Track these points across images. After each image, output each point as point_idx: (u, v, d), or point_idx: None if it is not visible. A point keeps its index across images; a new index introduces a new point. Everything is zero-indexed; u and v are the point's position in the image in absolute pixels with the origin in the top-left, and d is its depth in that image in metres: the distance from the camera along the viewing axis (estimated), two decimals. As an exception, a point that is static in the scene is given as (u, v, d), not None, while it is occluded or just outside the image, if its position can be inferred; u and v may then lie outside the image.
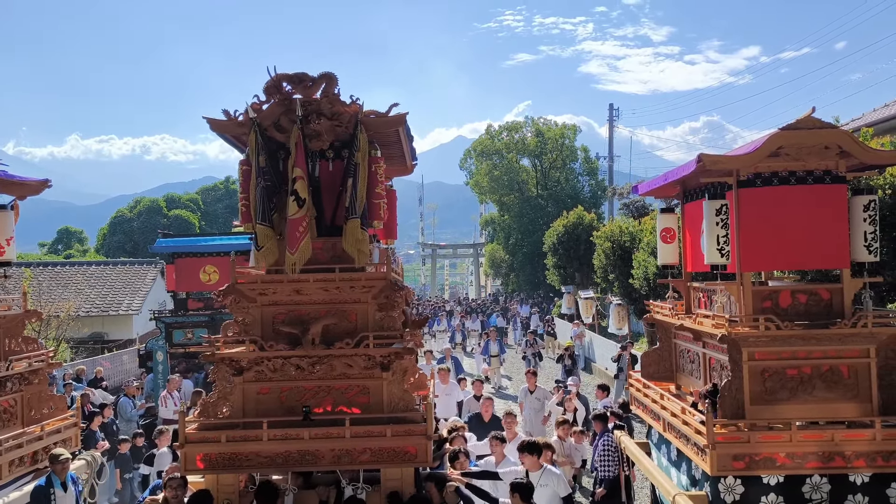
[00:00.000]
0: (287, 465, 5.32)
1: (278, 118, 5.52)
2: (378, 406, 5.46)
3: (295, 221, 5.32)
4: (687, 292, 6.84)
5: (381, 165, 5.64)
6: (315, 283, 5.46)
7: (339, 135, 5.63)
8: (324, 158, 5.70)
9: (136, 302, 25.31)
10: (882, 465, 5.00)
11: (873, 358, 5.26)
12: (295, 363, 5.41)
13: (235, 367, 5.45)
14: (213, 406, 5.49)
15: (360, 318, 5.57)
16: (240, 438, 5.27)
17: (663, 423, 6.28)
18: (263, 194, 5.40)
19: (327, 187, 5.71)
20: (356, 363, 5.41)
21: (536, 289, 42.61)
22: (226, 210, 45.30)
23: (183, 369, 14.50)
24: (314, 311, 5.55)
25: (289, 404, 5.48)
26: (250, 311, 5.56)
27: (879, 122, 15.10)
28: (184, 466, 5.34)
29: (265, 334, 5.51)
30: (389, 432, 5.25)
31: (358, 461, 5.28)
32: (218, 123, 5.64)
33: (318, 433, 5.25)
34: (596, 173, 44.75)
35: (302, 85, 5.51)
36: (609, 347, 20.35)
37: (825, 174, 5.38)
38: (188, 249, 15.31)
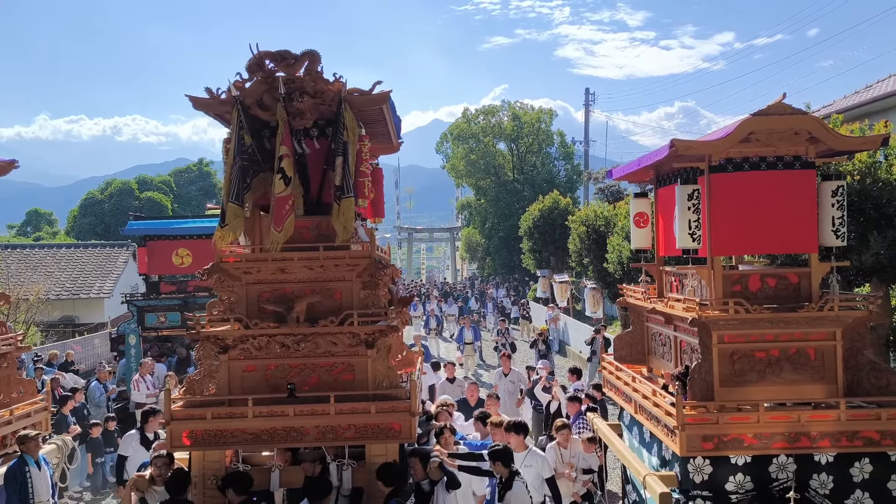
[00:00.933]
0: (272, 442, 5.41)
1: (261, 96, 5.52)
2: (363, 383, 5.54)
3: (282, 199, 5.34)
4: (659, 276, 6.90)
5: (366, 144, 5.68)
6: (300, 261, 5.52)
7: (322, 113, 5.64)
8: (308, 137, 5.72)
9: (107, 285, 24.97)
10: (846, 444, 5.12)
11: (839, 341, 5.36)
12: (280, 341, 5.48)
13: (221, 345, 5.52)
14: (198, 384, 5.56)
15: (345, 297, 5.63)
16: (225, 415, 5.35)
17: (635, 405, 6.36)
18: (239, 173, 5.40)
19: (312, 166, 5.72)
20: (341, 341, 5.49)
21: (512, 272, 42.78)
22: (199, 192, 44.75)
23: (156, 353, 14.38)
24: (299, 290, 5.61)
25: (274, 382, 5.56)
26: (235, 289, 5.61)
27: (849, 109, 15.33)
28: (170, 443, 5.42)
29: (250, 313, 5.57)
30: (374, 409, 5.35)
31: (343, 437, 5.38)
32: (201, 102, 5.62)
33: (303, 410, 5.33)
34: (572, 158, 44.89)
35: (285, 63, 5.50)
36: (583, 330, 20.52)
37: (795, 160, 5.44)
38: (160, 232, 15.11)
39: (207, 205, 24.62)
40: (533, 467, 6.81)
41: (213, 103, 5.60)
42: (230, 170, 5.43)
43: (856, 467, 5.17)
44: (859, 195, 8.04)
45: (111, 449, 10.84)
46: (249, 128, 5.45)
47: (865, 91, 16.89)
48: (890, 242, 7.92)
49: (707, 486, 5.16)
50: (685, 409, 5.16)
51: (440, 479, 5.92)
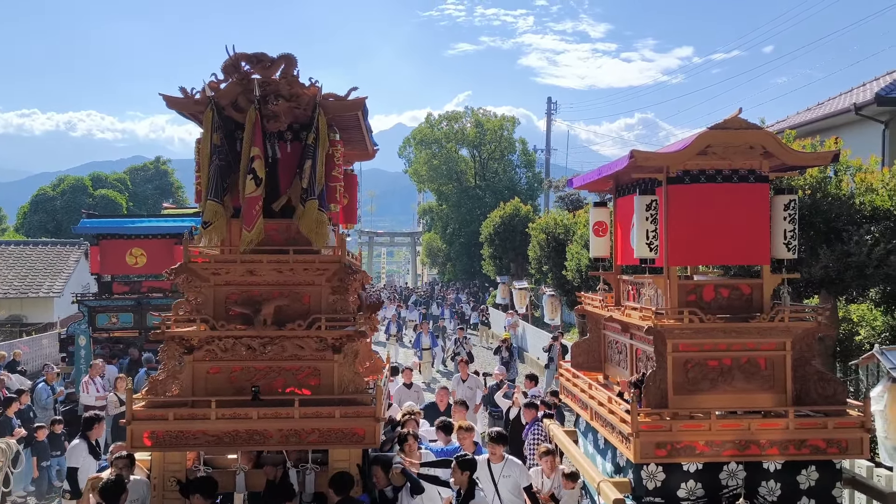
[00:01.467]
0: (235, 445, 5.37)
1: (236, 98, 5.50)
2: (329, 388, 5.53)
3: (252, 200, 5.32)
4: (617, 285, 6.99)
5: (338, 149, 5.69)
6: (268, 263, 5.49)
7: (297, 116, 5.62)
8: (282, 140, 5.72)
9: (57, 284, 24.28)
10: (794, 453, 5.23)
11: (789, 351, 5.48)
12: (246, 343, 5.45)
13: (186, 345, 5.46)
14: (161, 384, 5.50)
15: (314, 301, 5.62)
16: (187, 417, 5.30)
17: (591, 411, 6.42)
18: (217, 172, 5.37)
19: (285, 168, 5.70)
20: (308, 345, 5.47)
21: (472, 278, 42.93)
22: (155, 191, 43.90)
23: (107, 354, 14.03)
24: (267, 292, 5.58)
25: (239, 384, 5.52)
26: (202, 290, 5.56)
27: (802, 125, 15.79)
28: (130, 444, 5.35)
29: (217, 314, 5.53)
30: (338, 413, 5.33)
31: (306, 441, 5.35)
32: (174, 100, 5.57)
33: (267, 413, 5.29)
34: (533, 165, 45.31)
35: (261, 65, 5.49)
36: (541, 337, 20.68)
37: (749, 173, 5.56)
38: (114, 231, 14.76)
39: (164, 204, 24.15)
40: (511, 477, 6.82)
41: (187, 102, 5.55)
42: (208, 169, 5.39)
43: (802, 475, 5.30)
44: (810, 209, 8.27)
45: (57, 453, 10.54)
46: (223, 129, 5.43)
47: (817, 108, 17.42)
48: (838, 256, 8.16)
49: (660, 493, 5.23)
50: (640, 417, 5.22)
51: (403, 485, 5.90)
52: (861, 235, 8.12)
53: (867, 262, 8.05)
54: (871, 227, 8.19)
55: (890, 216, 8.23)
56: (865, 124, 14.81)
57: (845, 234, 8.20)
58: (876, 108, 14.27)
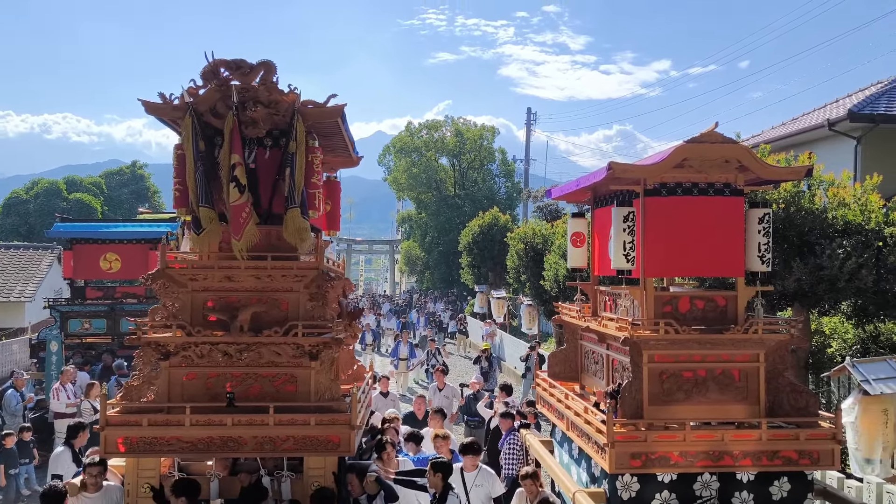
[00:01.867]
0: (209, 451, 5.35)
1: (215, 104, 5.48)
2: (305, 395, 5.50)
3: (237, 207, 5.30)
4: (594, 295, 7.03)
5: (317, 155, 5.67)
6: (246, 270, 5.47)
7: (275, 123, 5.61)
8: (261, 146, 5.69)
9: (29, 288, 23.89)
10: (767, 464, 5.28)
11: (762, 363, 5.54)
12: (223, 349, 5.41)
13: (162, 351, 5.43)
14: (136, 390, 5.47)
15: (292, 307, 5.60)
16: (162, 423, 5.27)
17: (567, 421, 6.43)
18: (203, 178, 5.34)
19: (265, 175, 5.68)
20: (284, 351, 5.44)
21: (451, 287, 42.93)
22: (131, 195, 43.38)
23: (79, 361, 13.81)
24: (245, 299, 5.56)
25: (215, 391, 5.48)
26: (180, 296, 5.54)
27: (776, 140, 16.03)
28: (104, 449, 5.32)
29: (194, 320, 5.50)
30: (313, 421, 5.30)
31: (281, 449, 5.32)
32: (153, 106, 5.53)
33: (242, 420, 5.27)
34: (512, 175, 45.49)
35: (240, 71, 5.47)
36: (519, 347, 20.72)
37: (725, 187, 5.63)
38: (88, 235, 14.54)
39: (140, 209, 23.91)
40: (483, 487, 6.84)
41: (166, 108, 5.52)
42: (193, 175, 5.36)
43: (775, 486, 5.35)
44: (784, 223, 8.39)
45: (26, 460, 10.36)
46: (203, 134, 5.41)
47: (792, 123, 17.70)
48: (811, 269, 8.28)
49: (634, 503, 5.25)
50: (615, 427, 5.25)
51: (378, 493, 5.89)
52: (833, 249, 8.25)
53: (839, 276, 8.18)
54: (843, 242, 8.33)
55: (861, 231, 8.37)
56: (838, 140, 15.06)
57: (818, 248, 8.33)
58: (849, 125, 14.52)
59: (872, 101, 15.11)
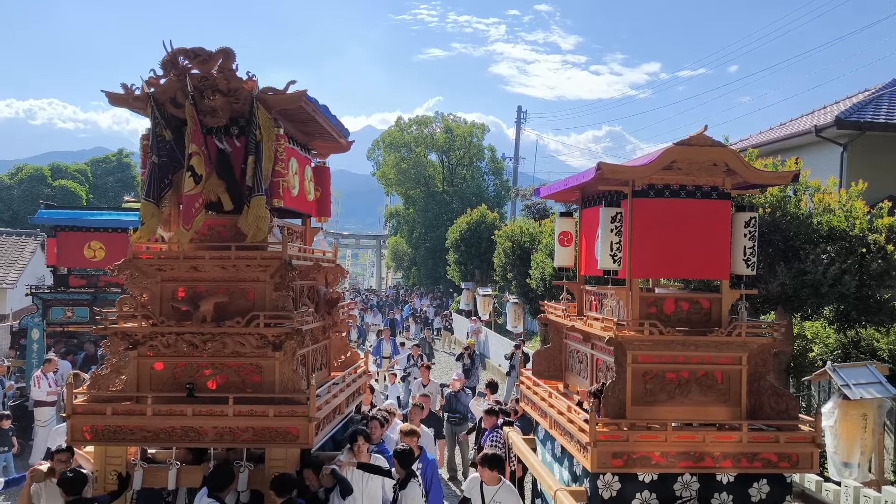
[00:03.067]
0: (171, 441, 5.39)
1: (175, 93, 5.45)
2: (270, 385, 5.52)
3: (191, 197, 5.29)
4: (580, 295, 7.05)
5: (281, 143, 5.63)
6: (212, 260, 5.48)
7: (236, 111, 5.58)
8: (228, 135, 5.65)
9: (11, 275, 23.64)
10: (746, 465, 5.33)
11: (745, 365, 5.58)
12: (188, 340, 5.42)
13: (130, 341, 5.46)
14: (104, 379, 5.51)
15: (258, 297, 5.61)
16: (125, 412, 5.32)
17: (550, 420, 6.45)
18: (154, 170, 5.34)
19: (236, 163, 5.66)
20: (248, 342, 5.45)
21: (437, 283, 42.90)
22: (117, 183, 42.99)
23: (60, 349, 13.69)
24: (212, 288, 5.57)
25: (183, 380, 5.52)
26: (148, 286, 5.57)
27: (764, 144, 16.13)
28: (71, 437, 5.38)
29: (163, 310, 5.54)
30: (272, 412, 5.32)
31: (241, 440, 5.34)
32: (115, 97, 5.53)
33: (202, 410, 5.31)
34: (501, 173, 45.50)
35: (198, 60, 5.44)
36: (504, 345, 20.75)
37: (712, 189, 5.66)
38: (72, 223, 14.40)
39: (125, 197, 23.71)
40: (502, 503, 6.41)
41: (127, 98, 5.51)
42: (147, 167, 5.38)
43: (754, 488, 5.39)
44: (769, 227, 8.45)
45: (5, 448, 10.23)
46: (168, 125, 5.38)
47: (780, 128, 17.82)
48: (795, 274, 8.34)
49: (615, 502, 5.28)
50: (598, 426, 5.27)
51: (334, 487, 5.87)
52: (818, 255, 8.31)
53: (822, 281, 8.24)
54: (827, 247, 8.39)
55: (845, 237, 8.44)
56: (825, 146, 15.18)
57: (802, 253, 8.39)
58: (836, 131, 14.63)
59: (859, 109, 15.24)
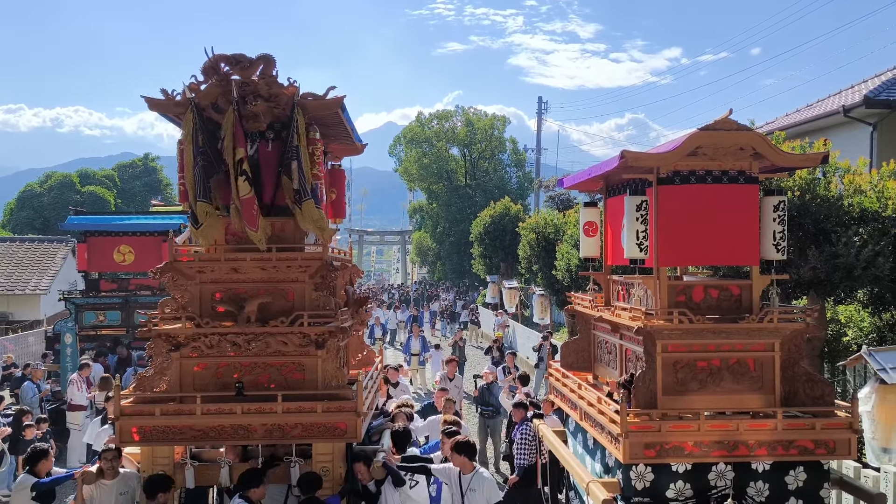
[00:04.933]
0: (220, 439, 5.50)
1: (216, 99, 5.58)
2: (313, 383, 5.62)
3: (249, 200, 5.39)
4: (607, 285, 6.99)
5: (318, 147, 5.74)
6: (252, 262, 5.60)
7: (276, 116, 5.68)
8: (262, 139, 5.77)
9: (44, 281, 24.11)
10: (782, 453, 5.24)
11: (777, 352, 5.49)
12: (231, 340, 5.53)
13: (173, 343, 5.55)
14: (148, 380, 5.61)
15: (298, 297, 5.71)
16: (174, 412, 5.41)
17: (580, 411, 6.41)
18: (202, 173, 5.41)
19: (266, 168, 5.75)
20: (291, 341, 5.54)
21: (462, 277, 42.91)
22: (144, 188, 43.64)
23: (93, 353, 13.93)
24: (252, 290, 5.68)
25: (225, 380, 5.62)
26: (188, 288, 5.66)
27: (791, 126, 15.85)
28: (119, 438, 5.47)
29: (203, 311, 5.63)
30: (320, 408, 5.42)
31: (290, 436, 5.45)
32: (156, 102, 5.61)
33: (251, 408, 5.39)
34: (523, 165, 45.33)
35: (240, 66, 5.52)
36: (531, 337, 20.69)
37: (739, 174, 5.57)
38: (102, 228, 14.64)
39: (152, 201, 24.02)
40: (478, 492, 6.38)
41: (168, 104, 5.59)
42: (191, 170, 5.43)
43: (791, 475, 5.31)
44: (799, 210, 8.30)
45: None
46: (204, 130, 5.47)
47: (807, 110, 17.50)
48: (827, 257, 8.19)
49: (648, 493, 5.23)
50: (629, 417, 5.22)
51: (385, 478, 5.92)
52: (849, 237, 8.15)
53: (855, 264, 8.09)
54: (859, 229, 8.23)
55: (878, 218, 8.27)
56: (854, 126, 14.88)
57: (834, 236, 8.24)
58: (864, 111, 14.34)
59: (888, 87, 14.89)
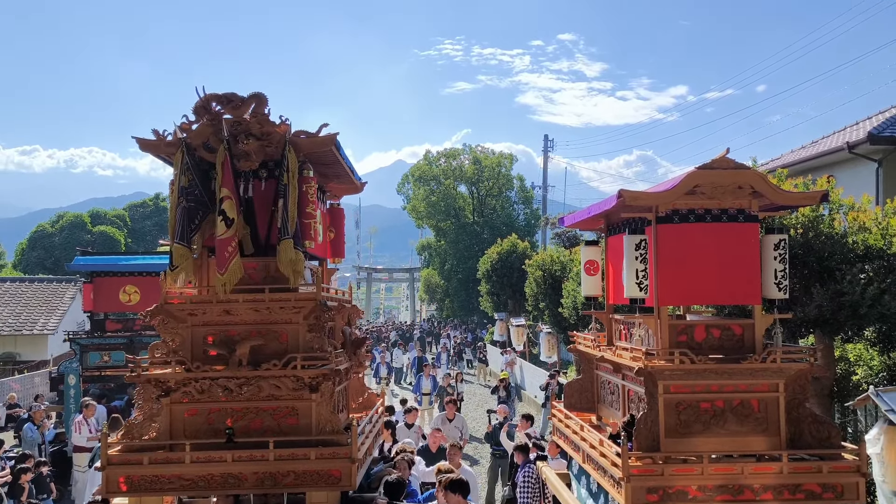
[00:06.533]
0: (210, 489, 5.27)
1: (208, 138, 5.51)
2: (307, 428, 5.43)
3: (223, 241, 5.30)
4: (609, 324, 6.92)
5: (312, 185, 5.67)
6: (245, 303, 5.44)
7: (268, 155, 5.62)
8: (257, 178, 5.72)
9: (52, 321, 24.19)
10: (788, 498, 5.11)
11: (782, 392, 5.40)
12: (223, 384, 5.36)
13: (162, 388, 5.39)
14: (137, 428, 5.43)
15: (291, 339, 5.55)
16: (162, 461, 5.22)
17: (583, 454, 6.30)
18: (184, 214, 5.38)
19: (260, 207, 5.69)
20: (284, 384, 5.39)
21: (470, 314, 42.77)
22: (154, 227, 43.98)
23: (96, 394, 13.87)
24: (245, 332, 5.51)
25: (217, 426, 5.43)
26: (179, 331, 5.51)
27: (796, 163, 15.86)
28: (105, 489, 5.27)
29: (195, 355, 5.47)
30: (314, 455, 5.23)
31: (282, 484, 5.24)
32: (147, 143, 5.58)
33: (242, 455, 5.20)
34: (531, 202, 45.50)
35: (231, 105, 5.50)
36: (539, 375, 20.49)
37: (739, 213, 5.54)
38: (108, 268, 14.68)
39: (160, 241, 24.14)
40: None
41: (160, 144, 5.56)
42: (173, 211, 5.41)
43: (798, 521, 5.17)
44: (803, 248, 8.23)
45: (44, 495, 10.35)
46: (196, 169, 5.46)
47: (812, 146, 17.51)
48: (832, 295, 8.08)
49: (652, 539, 5.10)
50: (631, 460, 5.12)
51: None
52: (854, 274, 8.06)
53: (861, 302, 7.98)
54: (864, 266, 8.13)
55: (883, 255, 8.18)
56: (859, 163, 14.86)
57: (838, 273, 8.14)
58: (869, 147, 14.32)
59: (892, 124, 14.91)
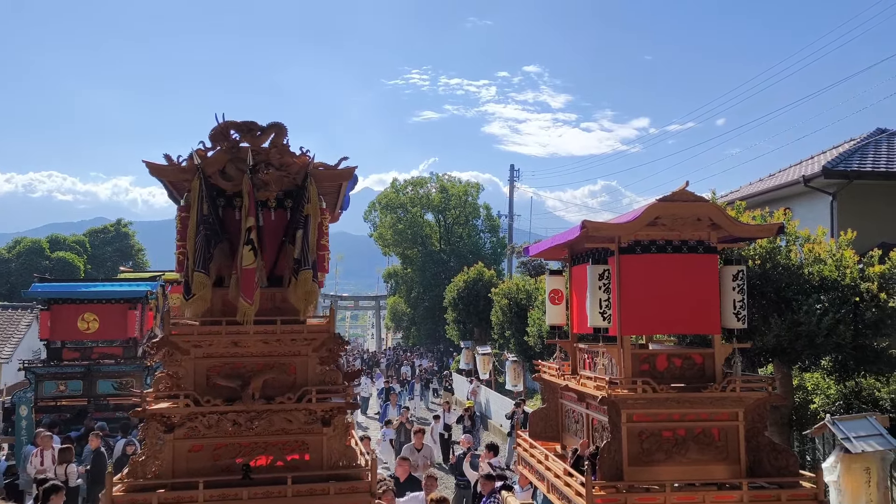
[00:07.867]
0: None
1: (224, 166, 5.37)
2: (318, 462, 5.25)
3: (250, 271, 5.17)
4: (573, 353, 6.98)
5: (326, 217, 5.62)
6: (255, 335, 5.25)
7: (285, 185, 5.52)
8: (266, 208, 5.63)
9: (6, 350, 23.50)
10: (749, 526, 5.18)
11: (741, 421, 5.49)
12: (232, 419, 5.13)
13: (167, 423, 5.11)
14: (142, 465, 5.11)
15: (300, 372, 5.38)
16: (173, 501, 4.90)
17: (547, 483, 6.31)
18: (203, 242, 5.23)
19: (269, 237, 5.57)
20: (296, 418, 5.22)
21: (437, 343, 42.63)
22: (115, 253, 43.15)
23: (47, 423, 13.41)
24: (252, 364, 5.32)
25: (223, 462, 5.18)
26: (183, 363, 5.26)
27: (754, 196, 16.26)
28: None
29: (199, 388, 5.22)
30: (333, 489, 5.04)
31: None
32: (158, 168, 5.38)
33: (258, 492, 4.96)
34: (497, 230, 45.78)
35: (251, 134, 5.42)
36: (505, 404, 20.45)
37: (698, 244, 5.67)
38: (66, 295, 14.37)
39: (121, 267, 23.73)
40: None
41: (173, 170, 5.38)
42: (193, 239, 5.26)
43: (758, 549, 5.23)
44: (761, 279, 8.43)
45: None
46: (209, 197, 5.35)
47: (769, 179, 17.98)
48: (789, 325, 8.28)
49: (616, 569, 5.11)
50: (594, 490, 5.14)
51: None
52: (810, 305, 8.27)
53: (817, 332, 8.18)
54: (819, 297, 8.36)
55: (837, 286, 8.41)
56: (814, 196, 15.30)
57: (795, 304, 8.35)
58: (824, 181, 14.77)
59: (846, 158, 15.43)
